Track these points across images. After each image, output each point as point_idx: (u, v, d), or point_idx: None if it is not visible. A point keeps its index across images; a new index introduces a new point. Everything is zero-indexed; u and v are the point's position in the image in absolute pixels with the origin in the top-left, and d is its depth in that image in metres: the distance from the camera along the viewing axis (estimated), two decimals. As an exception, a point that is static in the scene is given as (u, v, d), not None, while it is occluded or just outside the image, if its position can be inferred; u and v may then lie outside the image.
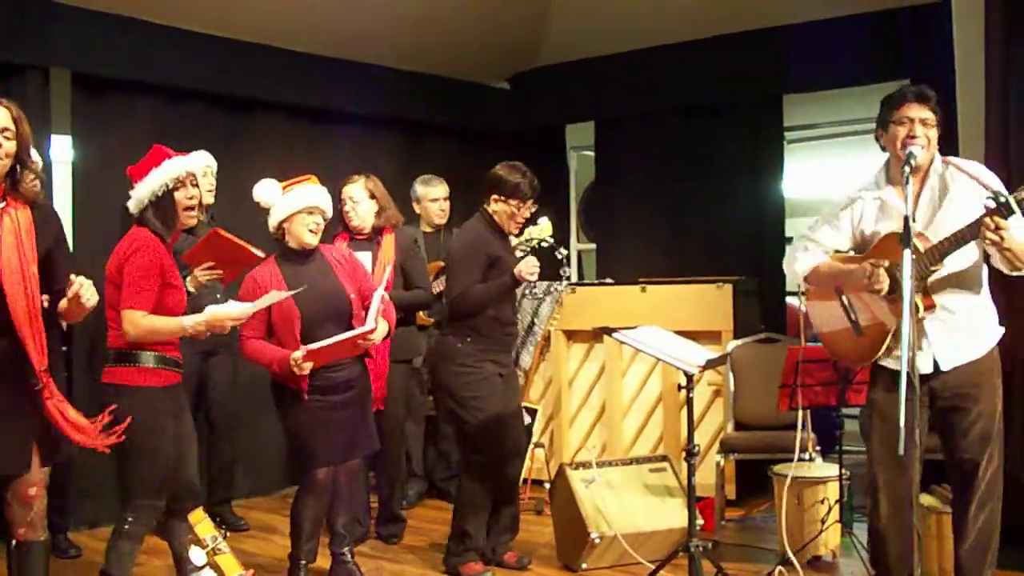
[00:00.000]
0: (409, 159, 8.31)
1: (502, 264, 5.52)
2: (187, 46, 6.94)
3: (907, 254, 3.83)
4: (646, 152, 8.66)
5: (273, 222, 5.11)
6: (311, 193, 5.10)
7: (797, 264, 4.57)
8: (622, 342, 5.43)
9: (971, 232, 4.01)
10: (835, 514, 5.42)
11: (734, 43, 7.97)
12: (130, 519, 4.47)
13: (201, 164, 5.05)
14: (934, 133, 4.27)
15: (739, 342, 6.85)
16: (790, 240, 8.16)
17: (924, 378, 4.22)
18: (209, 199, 6.07)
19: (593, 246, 9.34)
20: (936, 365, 4.25)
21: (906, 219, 3.90)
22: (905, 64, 7.17)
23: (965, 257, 4.18)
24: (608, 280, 8.10)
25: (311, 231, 5.07)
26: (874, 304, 4.30)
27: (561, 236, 8.49)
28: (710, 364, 5.28)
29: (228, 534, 5.98)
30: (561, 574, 5.71)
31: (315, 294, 4.98)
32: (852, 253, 4.48)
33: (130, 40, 6.66)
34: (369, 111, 8.12)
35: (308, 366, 4.80)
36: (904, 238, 3.85)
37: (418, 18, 7.58)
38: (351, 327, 5.03)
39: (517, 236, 6.03)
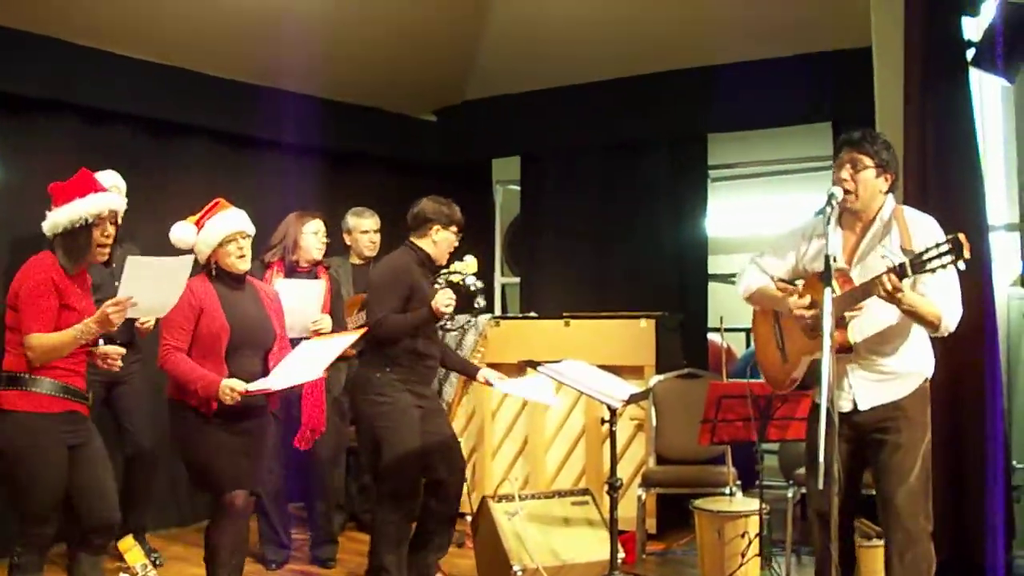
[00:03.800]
0: (334, 189, 8.28)
1: (422, 296, 5.56)
2: (113, 68, 6.87)
3: (827, 292, 3.92)
4: (571, 187, 8.73)
5: (201, 259, 4.94)
6: (227, 221, 4.94)
7: (741, 284, 4.69)
8: (547, 376, 5.47)
9: (870, 288, 4.08)
10: (755, 548, 5.47)
11: (660, 81, 8.07)
12: (19, 550, 4.42)
13: (122, 200, 4.90)
14: (866, 175, 4.30)
15: (661, 377, 6.91)
16: (713, 277, 8.29)
17: (845, 415, 4.32)
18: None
19: (517, 280, 9.38)
20: (855, 404, 4.34)
21: (827, 258, 3.99)
22: (827, 107, 7.33)
23: (887, 318, 4.26)
24: (532, 314, 8.13)
25: (239, 257, 4.96)
26: (799, 335, 4.40)
27: (486, 270, 8.53)
28: (634, 398, 5.34)
29: (159, 562, 5.89)
30: (483, 607, 5.71)
31: (246, 318, 4.93)
32: (796, 282, 4.56)
33: (55, 61, 6.57)
34: (295, 140, 8.07)
35: (237, 400, 4.68)
36: (825, 277, 3.95)
37: (347, 49, 7.58)
38: (266, 362, 4.97)
39: (443, 270, 6.08)
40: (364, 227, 7.00)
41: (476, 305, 5.96)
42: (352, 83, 8.21)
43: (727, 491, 6.04)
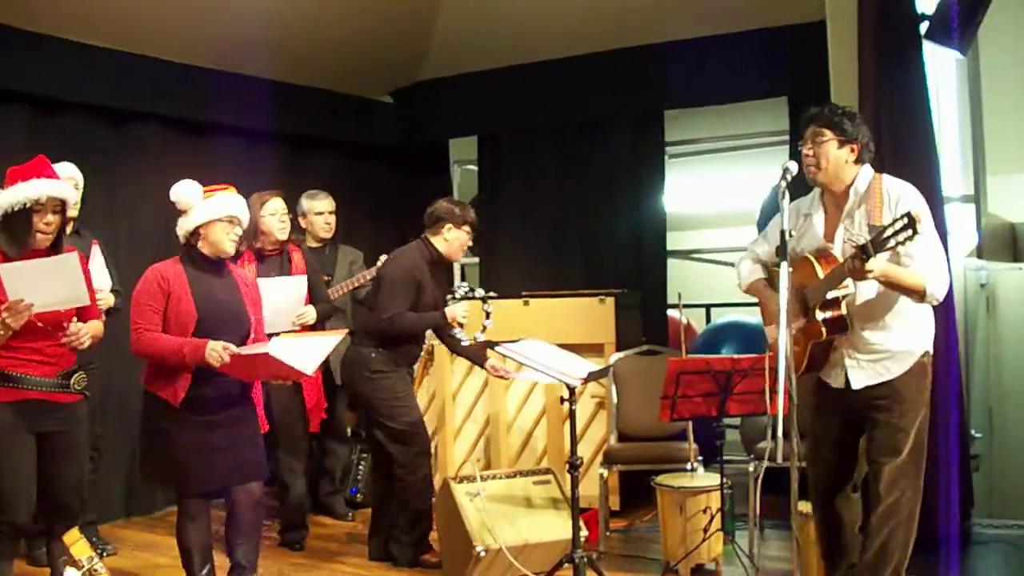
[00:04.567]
0: (291, 173, 8.22)
1: (429, 293, 5.97)
2: (64, 56, 6.75)
3: (783, 267, 3.96)
4: (529, 167, 8.71)
5: (189, 225, 4.80)
6: (235, 202, 4.87)
7: (739, 275, 4.85)
8: (505, 356, 5.47)
9: (841, 273, 4.17)
10: (717, 523, 5.49)
11: (616, 59, 8.04)
12: None
13: (69, 190, 4.78)
14: (827, 148, 4.35)
15: (621, 354, 6.92)
16: (671, 254, 8.30)
17: (838, 392, 4.44)
18: (74, 213, 5.59)
19: (476, 260, 9.35)
20: (848, 382, 4.40)
21: (781, 233, 4.03)
22: (782, 82, 7.33)
23: (871, 289, 4.32)
24: (491, 294, 8.11)
25: (231, 240, 4.84)
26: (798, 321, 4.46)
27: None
28: (592, 376, 5.33)
29: (105, 554, 5.86)
30: (446, 588, 5.70)
31: (217, 303, 4.78)
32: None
33: (5, 49, 6.46)
34: (251, 124, 7.99)
35: (227, 360, 4.55)
36: (780, 251, 3.99)
37: (301, 31, 7.52)
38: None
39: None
40: (318, 209, 6.99)
41: (485, 324, 6.43)
42: (306, 65, 8.13)
43: (689, 467, 6.06)
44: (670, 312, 8.19)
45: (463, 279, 9.52)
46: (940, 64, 6.67)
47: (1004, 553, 5.86)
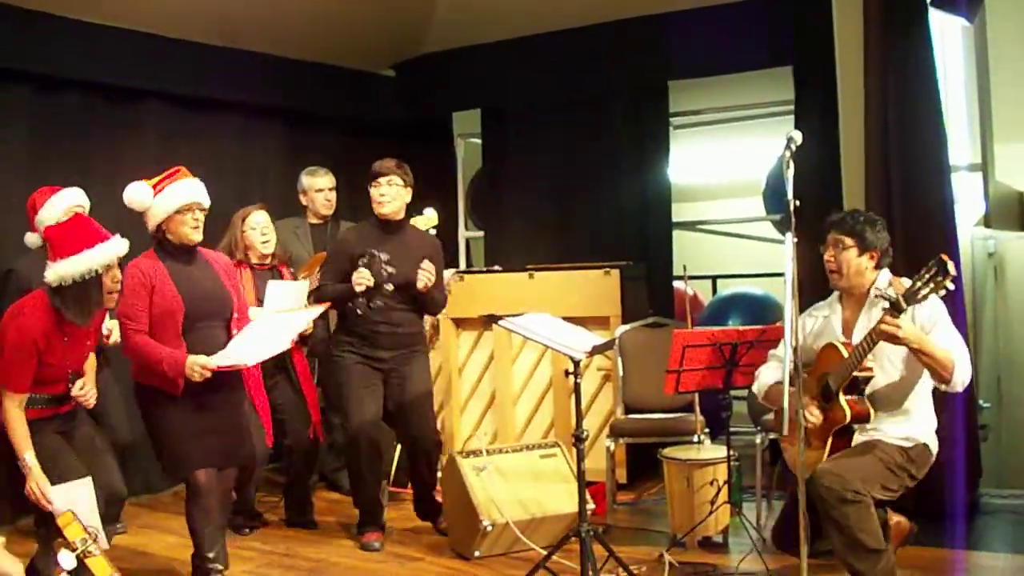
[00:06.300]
0: (292, 149, 8.19)
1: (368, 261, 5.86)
2: (62, 33, 6.65)
3: (788, 237, 3.95)
4: (533, 139, 8.65)
5: (151, 225, 4.88)
6: (186, 189, 4.87)
7: (758, 381, 4.96)
8: (509, 330, 5.45)
9: (873, 336, 4.30)
10: (724, 495, 5.48)
11: (619, 30, 7.97)
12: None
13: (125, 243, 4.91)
14: (848, 255, 4.56)
15: (627, 327, 6.89)
16: (676, 225, 8.25)
17: None
18: None
19: (481, 233, 9.31)
20: None
21: (787, 203, 4.01)
22: (787, 51, 7.26)
23: (888, 375, 4.53)
24: (496, 268, 8.07)
25: (193, 228, 4.87)
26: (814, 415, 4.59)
27: (449, 224, 8.45)
28: (597, 349, 5.30)
29: (98, 537, 5.87)
30: (454, 563, 5.67)
31: (200, 291, 4.87)
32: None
33: (3, 27, 6.34)
34: (251, 100, 7.94)
35: (208, 375, 4.69)
36: (784, 221, 3.98)
37: (301, 5, 7.46)
38: (228, 331, 4.97)
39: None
40: (319, 186, 6.97)
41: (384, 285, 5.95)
42: (307, 40, 8.06)
43: (695, 439, 6.04)
44: (676, 284, 8.16)
45: (468, 253, 9.52)
46: (946, 32, 6.61)
47: (1012, 523, 5.84)
